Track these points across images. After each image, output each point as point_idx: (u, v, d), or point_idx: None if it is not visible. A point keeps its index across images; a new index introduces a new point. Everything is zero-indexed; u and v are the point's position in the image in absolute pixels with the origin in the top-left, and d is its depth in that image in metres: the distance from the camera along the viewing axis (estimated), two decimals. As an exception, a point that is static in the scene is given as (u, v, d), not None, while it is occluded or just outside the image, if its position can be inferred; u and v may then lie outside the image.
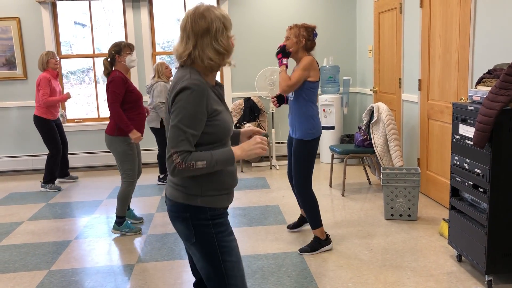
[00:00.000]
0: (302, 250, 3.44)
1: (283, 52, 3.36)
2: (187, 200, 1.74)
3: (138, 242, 3.82)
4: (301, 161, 3.35)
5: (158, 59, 6.59)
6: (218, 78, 6.92)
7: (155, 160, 6.52)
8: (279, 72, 3.37)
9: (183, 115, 1.63)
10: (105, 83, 7.13)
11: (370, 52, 6.08)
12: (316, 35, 3.41)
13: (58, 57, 5.52)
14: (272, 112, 6.38)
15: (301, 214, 3.90)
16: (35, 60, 6.30)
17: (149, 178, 6.00)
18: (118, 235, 3.99)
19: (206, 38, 1.68)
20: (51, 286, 3.09)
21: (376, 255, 3.37)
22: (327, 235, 3.48)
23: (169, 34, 7.06)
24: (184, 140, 1.63)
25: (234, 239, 1.83)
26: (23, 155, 6.46)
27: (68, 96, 5.54)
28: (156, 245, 3.73)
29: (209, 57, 1.69)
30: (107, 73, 3.86)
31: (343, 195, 4.87)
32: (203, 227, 1.75)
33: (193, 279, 3.11)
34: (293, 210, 4.47)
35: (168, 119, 1.73)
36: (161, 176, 5.72)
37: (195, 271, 2.00)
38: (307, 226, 3.93)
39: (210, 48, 1.69)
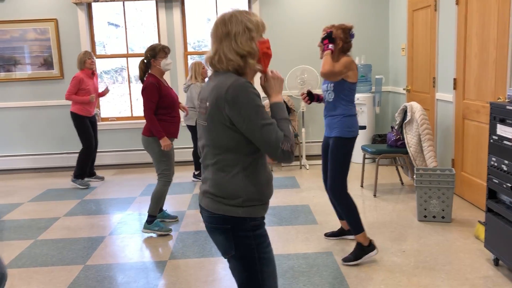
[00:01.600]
0: (346, 260, 3.26)
1: (329, 38, 3.24)
2: (228, 211, 1.72)
3: (170, 239, 3.88)
4: (338, 160, 3.24)
5: (190, 59, 6.67)
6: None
7: (190, 158, 6.59)
8: (324, 55, 3.22)
9: (256, 112, 1.64)
10: (138, 82, 7.27)
11: (403, 51, 5.98)
12: (353, 36, 3.29)
13: (94, 57, 5.67)
14: (302, 111, 6.36)
15: (341, 226, 3.74)
16: (71, 60, 6.47)
17: (183, 175, 6.07)
18: (149, 235, 4.05)
19: (226, 41, 1.70)
20: (86, 281, 3.17)
21: (408, 257, 3.32)
22: (370, 240, 3.30)
23: (200, 34, 7.13)
24: (275, 131, 1.66)
25: (272, 250, 1.81)
26: (59, 152, 6.65)
27: (90, 100, 5.61)
28: (187, 242, 3.78)
29: (229, 58, 1.70)
30: (142, 76, 3.94)
31: (374, 195, 4.81)
32: (244, 238, 1.74)
33: (225, 277, 3.14)
34: (323, 210, 4.45)
35: (203, 118, 1.74)
36: (196, 173, 5.79)
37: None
38: (350, 237, 3.72)
39: (230, 49, 1.70)
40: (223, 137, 1.68)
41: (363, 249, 3.27)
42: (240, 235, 1.73)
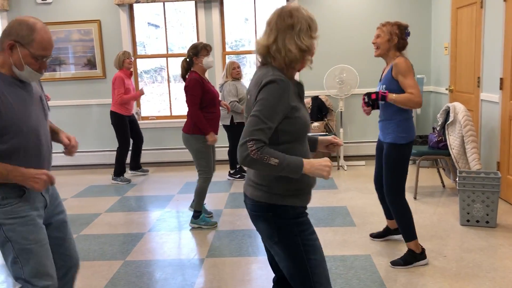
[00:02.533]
0: (395, 263, 3.19)
1: (369, 98, 3.12)
2: (270, 199, 1.75)
3: (207, 237, 3.92)
4: (392, 166, 3.14)
5: (228, 59, 6.71)
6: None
7: (226, 157, 6.63)
8: (393, 101, 3.03)
9: (264, 106, 1.66)
10: (176, 81, 7.39)
11: (446, 50, 5.81)
12: (408, 34, 3.18)
13: (132, 57, 5.82)
14: (341, 111, 6.28)
15: (387, 225, 3.67)
16: (113, 60, 6.63)
17: (219, 174, 6.12)
18: (189, 229, 4.11)
19: (289, 33, 1.72)
20: (126, 276, 3.24)
21: (450, 262, 3.22)
22: (423, 248, 3.21)
23: (237, 33, 7.16)
24: (262, 130, 1.64)
25: (317, 238, 1.83)
26: (101, 150, 6.84)
27: (141, 93, 5.82)
28: (224, 241, 3.80)
29: (289, 49, 1.71)
30: (185, 74, 4.03)
31: (415, 198, 4.70)
32: (286, 226, 1.76)
33: (261, 277, 3.14)
34: (361, 212, 4.38)
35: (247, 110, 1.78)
36: (231, 172, 5.84)
37: (275, 268, 1.99)
38: (395, 237, 3.67)
39: (292, 42, 1.72)
40: None
41: (415, 256, 3.18)
42: (281, 222, 1.76)
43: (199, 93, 3.90)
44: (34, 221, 1.99)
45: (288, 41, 1.71)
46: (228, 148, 5.97)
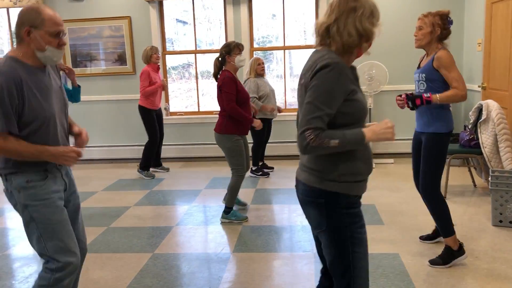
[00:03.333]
0: (433, 262, 3.11)
1: (420, 102, 3.01)
2: (323, 185, 1.72)
3: (234, 232, 3.94)
4: (432, 157, 3.06)
5: (255, 55, 6.71)
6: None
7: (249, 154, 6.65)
8: (438, 101, 2.96)
9: (319, 92, 1.63)
10: (203, 77, 7.44)
11: (479, 46, 5.66)
12: (451, 22, 3.09)
13: (159, 53, 5.90)
14: (369, 108, 6.20)
15: (436, 227, 3.55)
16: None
17: (244, 171, 6.14)
18: (218, 224, 4.14)
19: (350, 16, 1.69)
20: (154, 269, 3.30)
21: (481, 263, 3.15)
22: (460, 244, 3.13)
23: (265, 30, 7.15)
24: (318, 117, 1.62)
25: (365, 232, 1.79)
26: (130, 144, 6.95)
27: (163, 84, 5.86)
28: (251, 237, 3.82)
29: (350, 32, 1.68)
30: (217, 73, 4.06)
31: (445, 197, 4.60)
32: (337, 215, 1.72)
33: (287, 273, 3.15)
34: (390, 210, 4.33)
35: (302, 102, 1.74)
36: (253, 168, 5.83)
37: (324, 259, 1.94)
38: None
39: (352, 25, 1.68)
40: None
41: (453, 253, 3.11)
42: (333, 210, 1.72)
43: (234, 90, 3.95)
44: (55, 203, 2.14)
45: (350, 24, 1.68)
46: (252, 145, 5.95)
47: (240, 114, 3.97)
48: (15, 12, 6.87)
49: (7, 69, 1.99)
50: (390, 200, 4.64)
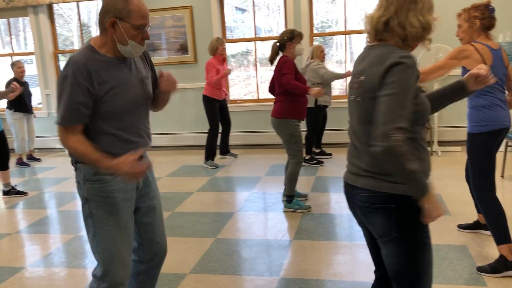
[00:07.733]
0: (481, 270, 2.86)
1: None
2: (392, 189, 1.58)
3: (294, 219, 3.95)
4: (473, 157, 2.90)
5: (315, 41, 6.63)
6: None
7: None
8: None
9: (399, 90, 1.51)
10: (262, 64, 7.45)
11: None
12: (493, 10, 2.92)
13: (225, 44, 5.95)
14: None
15: (478, 219, 3.42)
16: (204, 45, 6.82)
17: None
18: (280, 212, 4.17)
19: (412, 8, 1.61)
20: (217, 253, 3.38)
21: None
22: None
23: (324, 15, 7.03)
24: (404, 116, 1.48)
25: (430, 236, 1.70)
26: (192, 132, 7.13)
27: (228, 72, 5.93)
28: (311, 224, 3.81)
29: (413, 24, 1.60)
30: (274, 57, 4.07)
31: (502, 176, 4.39)
32: (408, 220, 1.61)
33: (349, 262, 3.12)
34: (457, 200, 4.15)
35: (354, 92, 1.68)
36: (307, 158, 5.72)
37: (379, 265, 1.86)
38: (485, 233, 3.35)
39: (414, 18, 1.61)
40: (374, 111, 1.56)
41: (506, 264, 2.83)
42: (404, 215, 1.61)
43: (293, 71, 3.95)
44: (117, 204, 1.98)
45: (413, 16, 1.60)
46: (306, 133, 5.84)
47: (299, 88, 3.94)
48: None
49: (81, 58, 1.87)
50: (457, 190, 4.44)
